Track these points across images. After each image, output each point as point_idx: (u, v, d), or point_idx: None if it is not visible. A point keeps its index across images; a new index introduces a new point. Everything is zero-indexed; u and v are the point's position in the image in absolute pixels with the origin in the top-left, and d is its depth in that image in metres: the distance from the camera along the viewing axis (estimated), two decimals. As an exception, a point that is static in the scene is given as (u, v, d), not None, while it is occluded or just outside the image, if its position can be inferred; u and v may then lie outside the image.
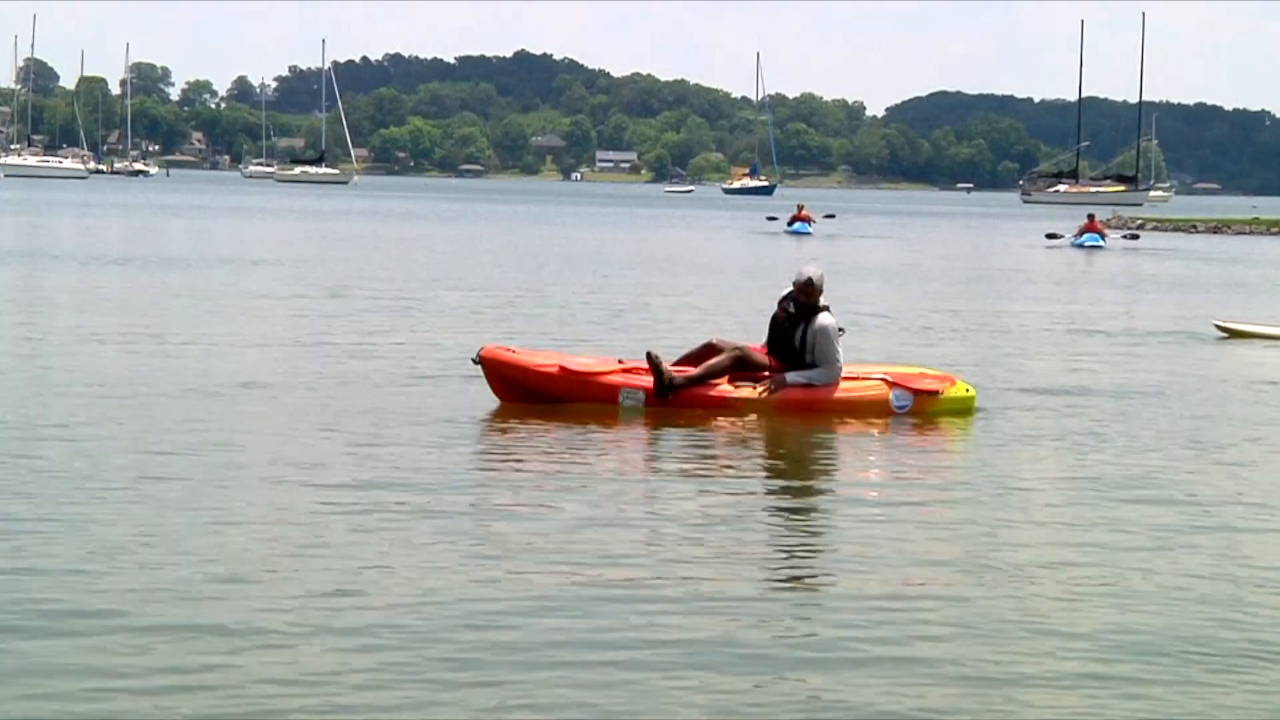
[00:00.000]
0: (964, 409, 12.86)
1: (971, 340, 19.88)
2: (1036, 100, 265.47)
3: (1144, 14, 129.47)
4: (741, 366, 12.55)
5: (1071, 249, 49.52)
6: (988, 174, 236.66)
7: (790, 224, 56.72)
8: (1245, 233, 69.53)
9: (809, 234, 54.97)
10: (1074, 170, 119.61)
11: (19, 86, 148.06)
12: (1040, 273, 37.49)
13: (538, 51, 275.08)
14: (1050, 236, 52.79)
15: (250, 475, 9.69)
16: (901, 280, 32.54)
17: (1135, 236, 53.27)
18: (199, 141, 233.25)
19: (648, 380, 12.42)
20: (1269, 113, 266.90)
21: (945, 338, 20.07)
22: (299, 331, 18.39)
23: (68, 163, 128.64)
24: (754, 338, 13.32)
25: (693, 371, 12.48)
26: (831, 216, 56.32)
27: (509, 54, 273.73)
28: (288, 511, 8.70)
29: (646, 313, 22.50)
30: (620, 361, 12.89)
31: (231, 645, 6.30)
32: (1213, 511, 9.50)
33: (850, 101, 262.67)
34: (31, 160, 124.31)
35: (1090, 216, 53.07)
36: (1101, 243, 50.61)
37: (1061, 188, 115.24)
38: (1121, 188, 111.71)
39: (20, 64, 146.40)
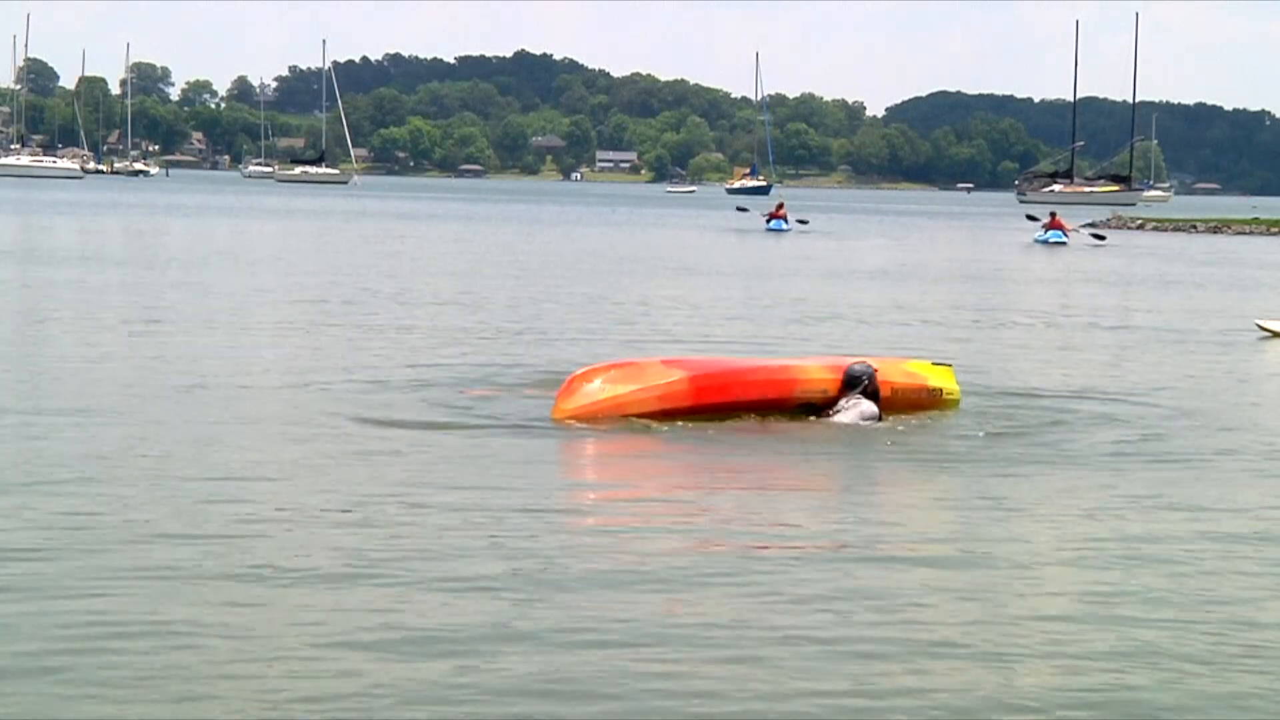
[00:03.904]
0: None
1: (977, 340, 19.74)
2: (1036, 100, 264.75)
3: (1137, 14, 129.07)
4: None
5: (1036, 244, 51.80)
6: (988, 174, 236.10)
7: (768, 221, 58.13)
8: (1245, 233, 69.31)
9: (785, 230, 56.58)
10: (1069, 170, 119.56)
11: (18, 86, 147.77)
12: (1053, 274, 37.44)
13: (538, 51, 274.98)
14: (1030, 218, 59.36)
15: (250, 476, 9.60)
16: (896, 279, 32.43)
17: (1101, 238, 53.44)
18: (199, 141, 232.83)
19: None
20: (1269, 113, 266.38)
21: (958, 336, 19.90)
22: (295, 331, 18.30)
23: (62, 162, 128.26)
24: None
25: None
26: (805, 222, 58.33)
27: (509, 54, 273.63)
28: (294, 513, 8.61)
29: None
30: None
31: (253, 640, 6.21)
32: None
33: (850, 101, 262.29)
34: (26, 160, 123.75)
35: (1052, 214, 55.60)
36: (1065, 239, 52.86)
37: (1057, 187, 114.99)
38: (1116, 187, 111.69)
39: (20, 64, 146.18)
